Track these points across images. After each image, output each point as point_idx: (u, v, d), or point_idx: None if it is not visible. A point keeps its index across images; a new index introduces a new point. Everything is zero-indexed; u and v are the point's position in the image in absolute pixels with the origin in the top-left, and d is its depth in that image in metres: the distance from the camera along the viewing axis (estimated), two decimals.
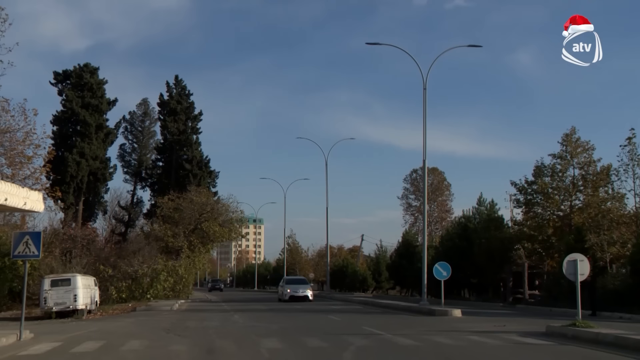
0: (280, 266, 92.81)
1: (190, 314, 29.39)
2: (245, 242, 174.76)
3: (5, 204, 17.61)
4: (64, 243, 43.18)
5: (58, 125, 55.52)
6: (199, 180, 59.27)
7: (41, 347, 15.74)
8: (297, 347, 15.18)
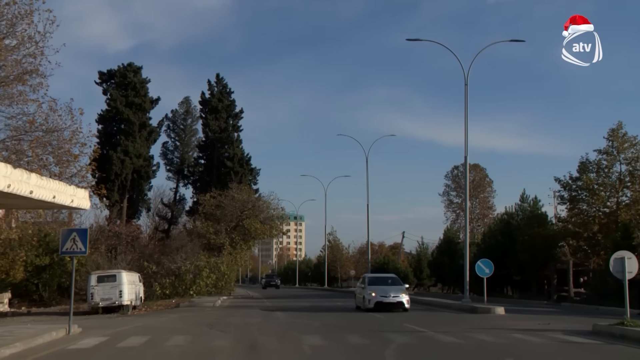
0: (321, 263, 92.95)
1: (233, 311, 29.66)
2: (286, 239, 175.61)
3: (54, 201, 18.01)
4: (110, 240, 44.01)
5: (103, 124, 56.58)
6: (240, 178, 59.73)
7: (89, 341, 16.08)
8: (339, 344, 15.20)
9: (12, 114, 26.41)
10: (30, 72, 25.99)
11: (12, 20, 25.49)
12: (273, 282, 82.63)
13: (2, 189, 14.53)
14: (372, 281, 29.90)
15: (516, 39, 34.65)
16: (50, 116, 26.82)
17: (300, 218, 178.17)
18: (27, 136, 26.66)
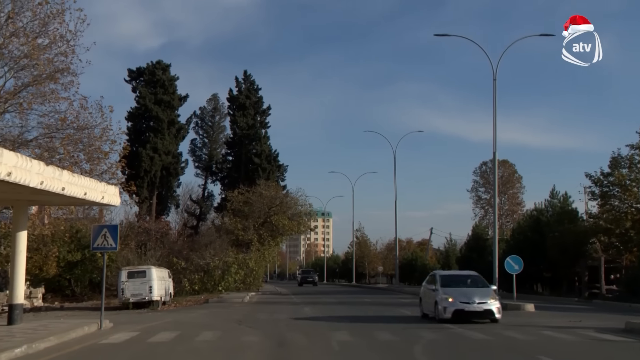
0: (348, 259, 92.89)
1: (261, 307, 29.80)
2: (314, 236, 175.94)
3: (85, 198, 18.29)
4: (139, 236, 44.46)
5: (132, 121, 57.21)
6: (268, 174, 59.95)
7: (120, 336, 16.29)
8: (367, 340, 15.19)
9: (45, 112, 26.87)
10: (62, 71, 26.38)
11: (44, 19, 25.91)
12: (310, 279, 76.40)
13: (35, 186, 14.80)
14: (446, 281, 21.99)
15: (545, 34, 34.19)
16: (81, 114, 27.22)
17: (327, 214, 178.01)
18: (59, 134, 27.07)
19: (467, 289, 21.13)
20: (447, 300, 20.17)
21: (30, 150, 26.13)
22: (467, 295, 20.39)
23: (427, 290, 22.47)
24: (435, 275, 23.07)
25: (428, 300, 22.01)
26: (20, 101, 26.23)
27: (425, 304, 22.46)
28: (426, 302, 22.39)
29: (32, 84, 26.15)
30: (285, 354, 13.02)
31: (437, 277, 22.37)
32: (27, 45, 25.61)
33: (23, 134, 27.23)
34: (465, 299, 20.11)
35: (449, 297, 20.24)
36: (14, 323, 18.31)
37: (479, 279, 22.59)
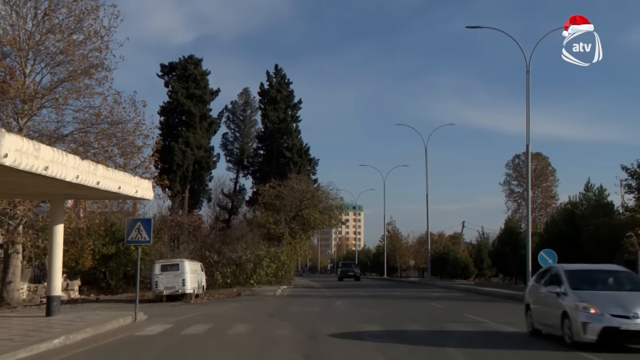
0: (380, 253, 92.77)
1: (293, 300, 29.91)
2: (345, 229, 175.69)
3: (119, 191, 18.53)
4: (172, 229, 44.92)
5: (165, 115, 57.77)
6: (299, 168, 60.09)
7: (154, 328, 16.50)
8: (400, 334, 15.17)
9: (80, 107, 27.29)
10: (96, 66, 26.75)
11: (79, 16, 26.30)
12: (351, 272, 66.44)
13: (71, 180, 15.03)
14: (578, 279, 13.85)
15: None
16: (114, 109, 27.59)
17: (359, 208, 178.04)
18: (94, 128, 27.46)
19: (618, 294, 13.21)
20: (589, 311, 12.38)
21: (65, 144, 26.57)
22: (622, 302, 12.49)
23: (543, 293, 14.58)
24: (557, 270, 14.64)
25: (545, 310, 14.34)
26: (56, 97, 26.67)
27: (537, 313, 14.82)
28: (541, 312, 14.60)
29: (68, 79, 26.57)
30: (317, 347, 13.06)
31: (562, 273, 14.11)
32: (63, 42, 26.03)
33: (59, 129, 27.71)
34: (620, 309, 12.23)
35: (591, 305, 12.45)
36: (52, 314, 18.68)
37: (630, 277, 14.47)
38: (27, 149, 12.95)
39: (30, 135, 24.35)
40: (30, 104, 26.09)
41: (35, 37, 25.87)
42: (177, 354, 12.27)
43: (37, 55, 26.32)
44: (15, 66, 25.92)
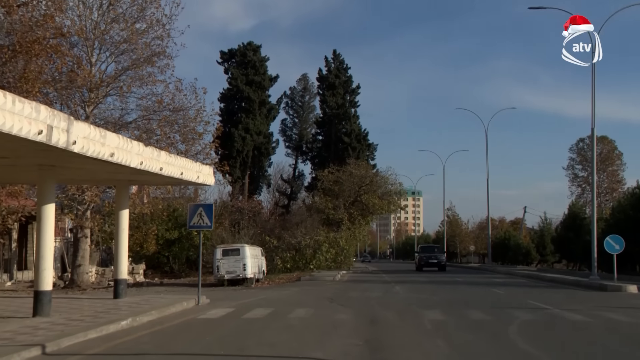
0: (439, 238, 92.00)
1: (352, 285, 29.96)
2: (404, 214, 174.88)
3: (181, 177, 18.88)
4: (233, 215, 45.54)
5: (225, 102, 58.45)
6: (357, 154, 60.02)
7: (217, 312, 16.80)
8: (460, 319, 15.04)
9: (143, 95, 27.87)
10: (158, 54, 27.25)
11: (142, 4, 26.80)
12: (434, 259, 49.25)
13: (135, 166, 15.38)
14: None
15: None
16: (176, 96, 28.07)
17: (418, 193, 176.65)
18: (156, 115, 28.01)
19: None
20: None
21: (129, 131, 27.21)
22: None
23: None
24: None
25: None
26: (120, 85, 27.30)
27: None
28: None
29: (131, 67, 27.15)
30: (378, 332, 13.07)
31: None
32: (127, 31, 26.60)
33: (123, 116, 28.40)
34: None
35: None
36: (119, 297, 19.24)
37: None
38: (94, 136, 13.31)
39: (96, 122, 25.01)
40: (96, 92, 26.78)
41: (100, 26, 26.51)
42: (239, 337, 12.47)
43: (103, 45, 26.98)
44: (82, 55, 26.63)
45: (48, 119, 11.43)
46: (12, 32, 20.87)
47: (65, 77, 24.48)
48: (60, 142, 11.90)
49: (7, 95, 10.34)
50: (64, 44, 23.80)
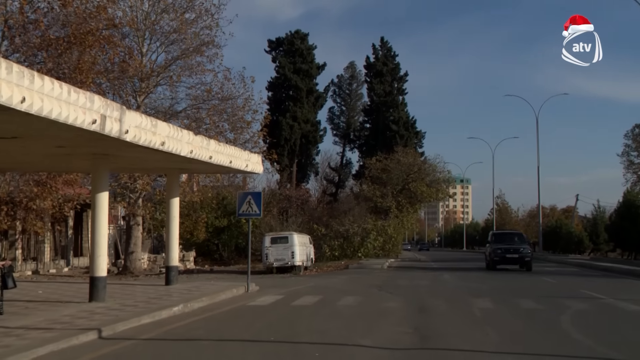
0: (489, 226, 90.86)
1: (400, 273, 29.89)
2: (452, 202, 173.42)
3: (230, 166, 19.07)
4: (281, 203, 45.82)
5: (272, 90, 58.70)
6: (405, 141, 59.68)
7: (266, 299, 16.97)
8: (511, 308, 14.87)
9: (192, 84, 28.23)
10: (207, 44, 27.52)
11: None
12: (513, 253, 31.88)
13: (186, 155, 15.59)
14: None
15: None
16: (225, 85, 28.33)
17: (466, 181, 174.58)
18: (205, 104, 28.33)
19: None
20: None
21: (179, 120, 27.59)
22: None
23: None
24: None
25: None
26: (170, 74, 27.69)
27: None
28: None
29: (181, 57, 27.50)
30: (427, 320, 13.01)
31: None
32: (176, 21, 26.93)
33: (173, 106, 28.81)
34: None
35: None
36: (171, 283, 19.60)
37: None
38: (146, 125, 13.54)
39: (147, 112, 25.42)
40: (147, 82, 27.20)
41: (151, 17, 26.88)
42: (288, 324, 12.58)
43: (153, 35, 27.38)
44: (134, 46, 27.08)
45: (101, 108, 11.66)
46: (67, 24, 21.34)
47: (117, 68, 24.93)
48: (113, 131, 12.14)
49: (63, 85, 10.59)
50: (116, 35, 24.21)
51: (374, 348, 9.76)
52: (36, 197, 23.70)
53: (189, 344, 10.39)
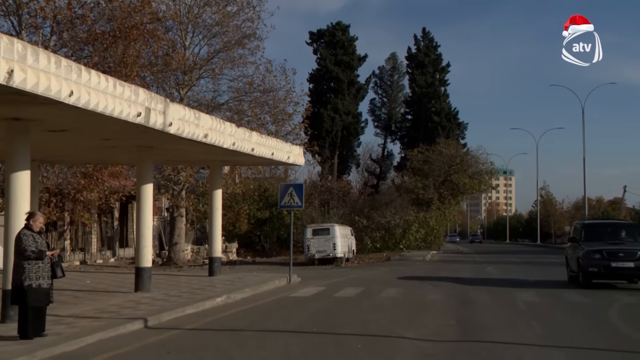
0: (533, 218, 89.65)
1: (443, 265, 29.69)
2: (495, 194, 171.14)
3: (272, 158, 19.18)
4: (322, 195, 45.83)
5: (314, 82, 58.65)
6: (447, 132, 59.15)
7: (308, 290, 17.04)
8: (556, 301, 14.66)
9: (234, 77, 28.46)
10: (249, 36, 27.69)
11: None
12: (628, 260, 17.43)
13: (228, 147, 15.74)
14: None
15: None
16: (266, 77, 28.47)
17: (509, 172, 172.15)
18: (247, 97, 28.52)
19: None
20: None
21: (222, 113, 27.81)
22: None
23: None
24: None
25: None
26: (212, 67, 27.94)
27: None
28: None
29: (223, 50, 27.70)
30: (470, 313, 12.91)
31: None
32: (218, 14, 27.13)
33: (215, 98, 29.05)
34: None
35: None
36: (214, 274, 19.81)
37: None
38: (189, 118, 13.69)
39: (190, 104, 25.68)
40: (190, 74, 27.48)
41: (193, 10, 27.12)
42: (331, 315, 12.62)
43: (196, 28, 27.65)
44: (177, 39, 27.38)
45: (146, 101, 11.83)
46: (112, 19, 21.69)
47: (160, 61, 25.25)
48: (158, 124, 12.30)
49: (109, 79, 10.77)
50: (159, 29, 24.52)
51: (417, 340, 9.73)
52: (83, 189, 24.19)
53: (232, 335, 10.50)
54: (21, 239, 9.34)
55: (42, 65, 8.94)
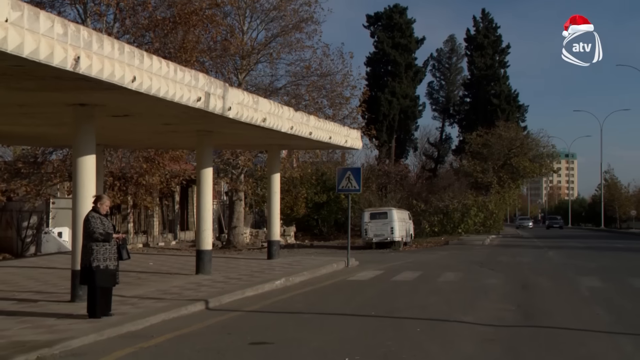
0: (596, 202, 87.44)
1: (502, 249, 29.28)
2: (556, 178, 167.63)
3: (330, 141, 19.22)
4: (380, 179, 45.73)
5: (371, 66, 58.38)
6: (507, 115, 58.14)
7: (366, 274, 17.08)
8: (622, 287, 14.28)
9: (291, 61, 28.53)
10: (306, 20, 27.67)
11: None
12: None
13: (286, 131, 15.84)
14: None
15: None
16: (323, 61, 28.45)
17: (572, 156, 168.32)
18: (304, 81, 28.57)
19: None
20: None
21: (279, 97, 27.95)
22: None
23: None
24: None
25: None
26: (270, 51, 28.08)
27: None
28: None
29: (280, 34, 27.79)
30: (530, 298, 12.73)
31: None
32: None
33: (273, 83, 29.23)
34: None
35: None
36: (273, 257, 20.03)
37: None
38: (248, 102, 13.82)
39: (248, 89, 25.89)
40: (248, 59, 27.70)
41: None
42: (388, 298, 12.62)
43: (253, 13, 27.79)
44: (235, 24, 27.59)
45: (206, 86, 11.99)
46: (172, 5, 22.03)
47: (219, 46, 25.50)
48: (217, 109, 12.46)
49: (169, 64, 10.95)
50: (218, 14, 24.75)
51: (477, 324, 9.66)
52: (145, 173, 24.72)
53: (291, 317, 10.62)
54: (89, 222, 9.64)
55: (106, 51, 9.15)
